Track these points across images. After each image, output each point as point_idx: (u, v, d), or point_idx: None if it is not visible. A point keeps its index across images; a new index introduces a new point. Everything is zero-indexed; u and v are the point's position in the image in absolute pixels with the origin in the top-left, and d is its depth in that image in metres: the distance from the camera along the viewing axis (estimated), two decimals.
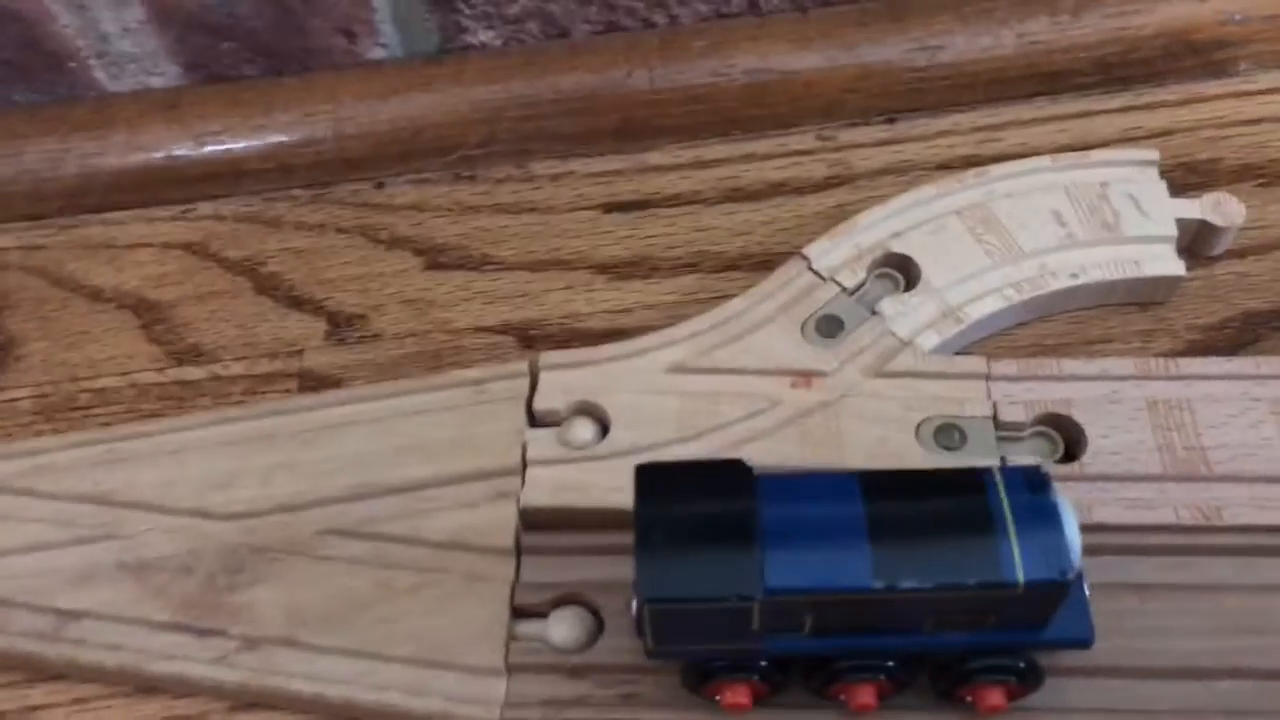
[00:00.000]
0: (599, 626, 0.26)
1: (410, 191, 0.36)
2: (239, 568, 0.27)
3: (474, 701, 0.25)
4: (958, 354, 0.30)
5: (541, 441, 0.28)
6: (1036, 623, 0.21)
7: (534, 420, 0.29)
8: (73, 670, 0.27)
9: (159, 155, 0.36)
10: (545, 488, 0.27)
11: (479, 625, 0.26)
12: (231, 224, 0.36)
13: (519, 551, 0.27)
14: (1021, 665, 0.22)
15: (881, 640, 0.22)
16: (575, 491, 0.27)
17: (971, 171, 0.32)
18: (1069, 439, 0.27)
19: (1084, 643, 0.22)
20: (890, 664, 0.22)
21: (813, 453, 0.27)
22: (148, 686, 0.27)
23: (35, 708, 0.27)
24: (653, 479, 0.22)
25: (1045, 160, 0.32)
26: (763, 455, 0.27)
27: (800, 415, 0.28)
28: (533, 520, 0.27)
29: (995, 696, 0.22)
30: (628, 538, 0.26)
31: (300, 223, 0.36)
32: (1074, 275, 0.30)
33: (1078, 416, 0.27)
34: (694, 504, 0.21)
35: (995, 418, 0.28)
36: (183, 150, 0.36)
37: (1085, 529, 0.25)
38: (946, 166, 0.35)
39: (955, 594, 0.20)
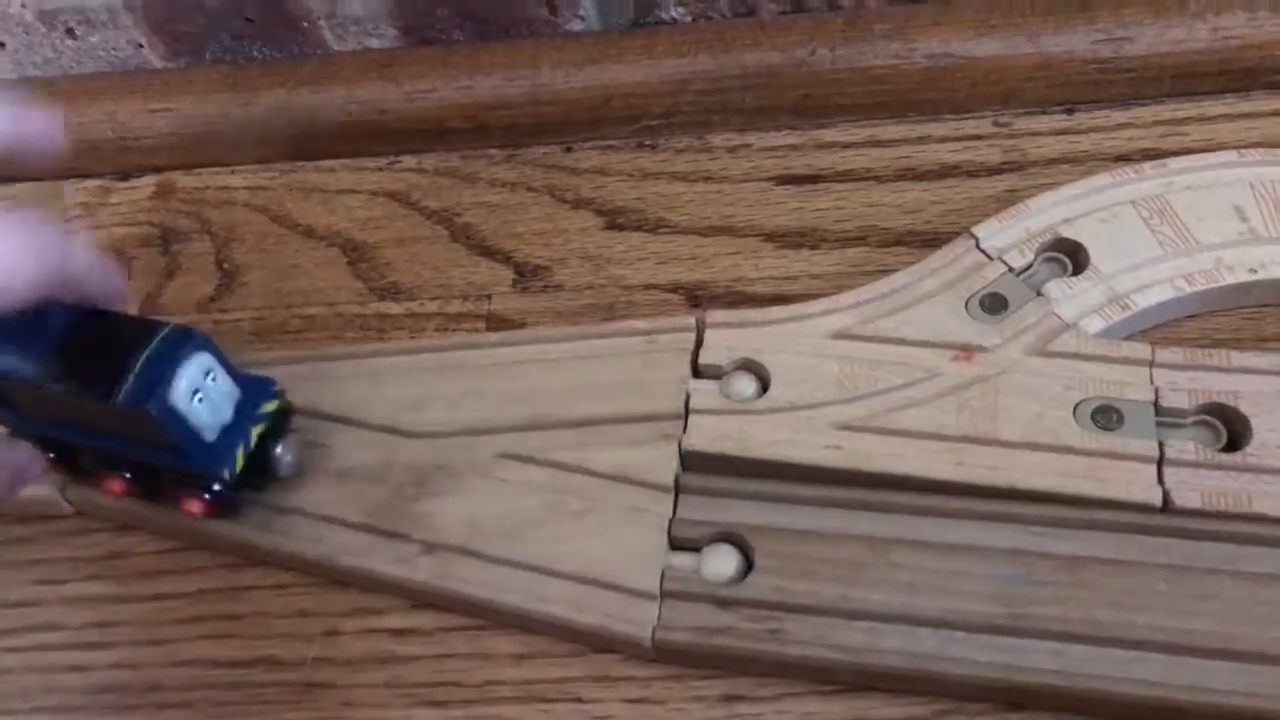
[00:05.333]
0: (748, 566, 0.28)
1: (595, 156, 0.39)
2: (424, 481, 0.30)
3: (629, 620, 0.27)
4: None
5: (704, 392, 0.30)
6: (160, 445, 0.27)
7: (698, 372, 0.31)
8: (277, 558, 0.30)
9: (371, 110, 0.40)
10: (706, 435, 0.29)
11: (638, 552, 0.28)
12: (432, 177, 0.39)
13: (678, 489, 0.29)
14: (211, 488, 0.28)
15: (81, 436, 0.28)
16: (733, 441, 0.29)
17: (1149, 163, 0.32)
18: (1233, 430, 0.28)
19: (214, 475, 0.28)
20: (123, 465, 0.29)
21: (968, 423, 0.28)
22: (340, 579, 0.30)
23: (246, 587, 0.31)
24: None
25: (1232, 155, 0.32)
26: (919, 422, 0.28)
27: (959, 387, 0.29)
28: (692, 463, 0.29)
29: (194, 505, 0.29)
30: (782, 486, 0.28)
31: (494, 180, 0.39)
32: (1252, 270, 0.30)
33: (1245, 409, 0.27)
34: None
35: (1156, 403, 0.28)
36: (393, 106, 0.40)
37: (1244, 518, 0.26)
38: (1124, 159, 0.35)
39: (79, 401, 0.26)
